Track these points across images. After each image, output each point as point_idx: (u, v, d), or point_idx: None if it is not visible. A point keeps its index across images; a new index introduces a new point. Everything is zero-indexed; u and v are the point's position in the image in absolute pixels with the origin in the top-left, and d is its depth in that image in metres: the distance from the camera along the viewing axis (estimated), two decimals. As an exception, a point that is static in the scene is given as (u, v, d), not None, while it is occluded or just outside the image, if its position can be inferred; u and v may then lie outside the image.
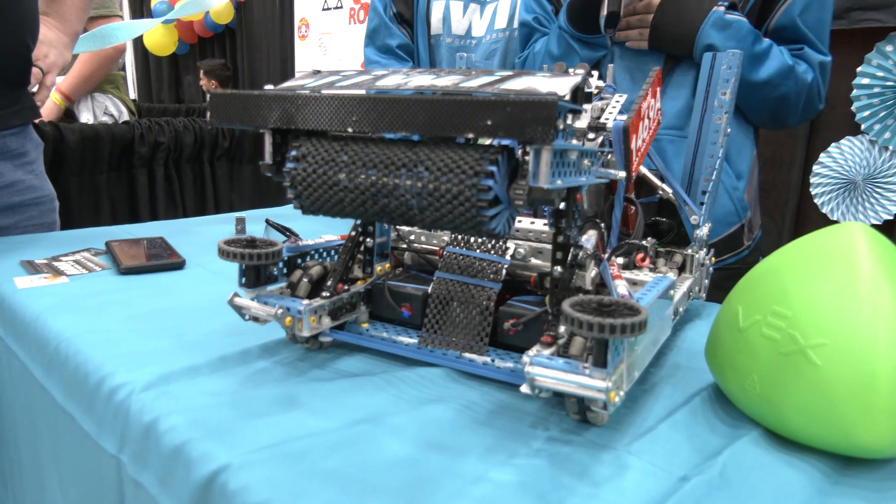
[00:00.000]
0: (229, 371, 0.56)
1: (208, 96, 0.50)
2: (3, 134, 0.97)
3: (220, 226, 1.14)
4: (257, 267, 0.55)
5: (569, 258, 0.50)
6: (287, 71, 4.34)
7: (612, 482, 0.41)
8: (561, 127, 0.41)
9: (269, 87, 0.48)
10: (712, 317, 0.73)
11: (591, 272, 0.52)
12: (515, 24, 1.26)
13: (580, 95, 0.43)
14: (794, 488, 0.40)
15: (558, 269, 0.51)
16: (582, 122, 0.65)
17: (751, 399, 0.46)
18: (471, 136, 0.40)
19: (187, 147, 1.61)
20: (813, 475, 0.42)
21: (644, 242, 0.66)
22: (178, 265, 0.87)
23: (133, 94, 5.95)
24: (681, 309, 0.64)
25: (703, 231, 0.68)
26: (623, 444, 0.45)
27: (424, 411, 0.49)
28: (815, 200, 2.23)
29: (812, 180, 2.23)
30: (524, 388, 0.43)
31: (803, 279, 0.45)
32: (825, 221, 2.22)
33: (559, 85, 0.40)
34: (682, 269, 0.70)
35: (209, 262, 0.90)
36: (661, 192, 0.70)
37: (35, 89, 1.06)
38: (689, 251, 0.69)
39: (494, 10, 1.30)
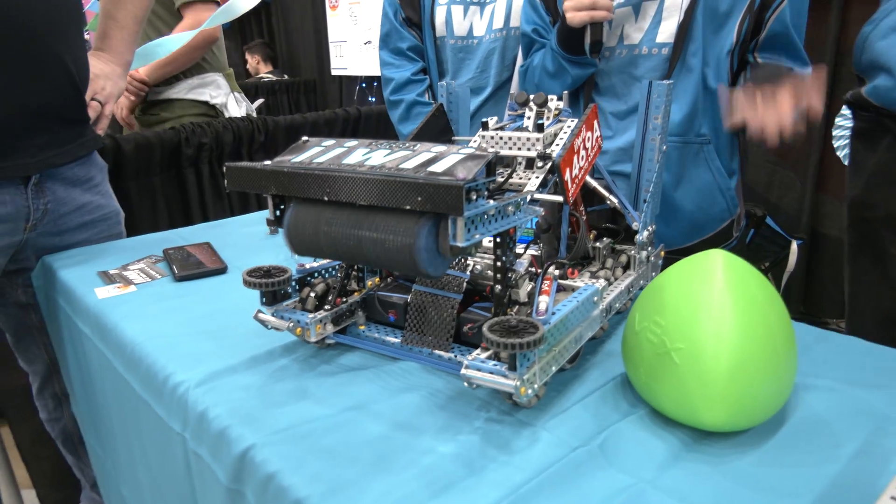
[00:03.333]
0: (258, 369, 0.73)
1: (224, 167, 0.66)
2: (70, 165, 1.16)
3: (255, 227, 1.31)
4: (273, 291, 0.72)
5: (505, 278, 0.65)
6: (321, 41, 4.46)
7: (524, 452, 0.56)
8: (474, 198, 0.55)
9: (267, 162, 0.64)
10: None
11: (526, 288, 0.66)
12: (512, 24, 1.37)
13: (493, 168, 0.57)
14: (655, 454, 0.55)
15: (498, 287, 0.65)
16: (534, 153, 0.78)
17: (640, 386, 0.61)
18: (408, 207, 0.54)
19: (227, 145, 1.79)
20: (673, 444, 0.56)
21: (592, 249, 0.79)
22: (222, 271, 1.05)
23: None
24: (618, 305, 0.77)
25: (644, 235, 0.81)
26: (542, 422, 0.60)
27: (400, 399, 0.66)
28: (838, 153, 2.24)
29: (834, 132, 2.24)
30: (464, 382, 0.59)
31: (674, 296, 0.58)
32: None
33: (471, 168, 0.54)
34: (627, 266, 0.83)
35: (246, 265, 1.07)
36: (608, 202, 0.82)
37: (96, 119, 1.24)
38: (632, 252, 0.82)
39: (493, 11, 1.40)
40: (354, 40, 4.12)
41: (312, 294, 0.74)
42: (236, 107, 1.93)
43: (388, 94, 1.50)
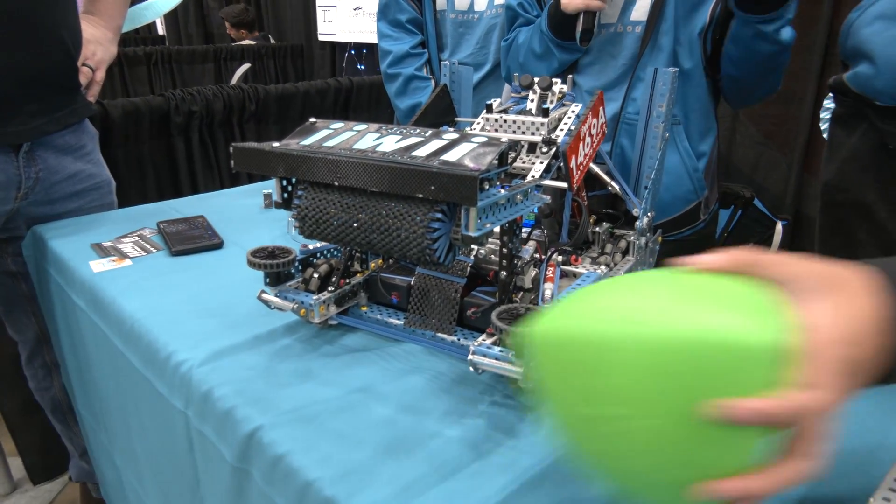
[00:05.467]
0: (261, 348, 0.74)
1: (231, 148, 0.65)
2: (62, 133, 1.14)
3: (250, 200, 1.30)
4: (277, 272, 0.72)
5: (511, 265, 0.66)
6: (308, 5, 4.36)
7: (529, 436, 0.58)
8: (487, 187, 0.55)
9: (275, 144, 0.63)
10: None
11: (531, 274, 0.67)
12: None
13: (505, 157, 0.57)
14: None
15: (503, 273, 0.66)
16: (538, 138, 0.78)
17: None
18: (420, 195, 0.54)
19: (218, 113, 1.75)
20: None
21: (592, 234, 0.80)
22: (218, 245, 1.04)
23: (161, 30, 6.02)
24: (617, 290, 0.78)
25: (644, 221, 0.82)
26: (545, 407, 0.62)
27: (404, 381, 0.67)
28: (824, 135, 2.26)
29: (822, 115, 2.26)
30: (471, 367, 0.60)
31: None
32: (833, 155, 2.27)
33: (485, 158, 0.54)
34: (626, 251, 0.84)
35: (243, 240, 1.08)
36: (609, 187, 0.83)
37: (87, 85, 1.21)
38: (632, 238, 0.83)
39: None
40: (343, 5, 4.03)
41: (316, 275, 0.74)
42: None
43: (386, 67, 1.48)
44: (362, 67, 4.03)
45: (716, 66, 1.12)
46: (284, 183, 0.65)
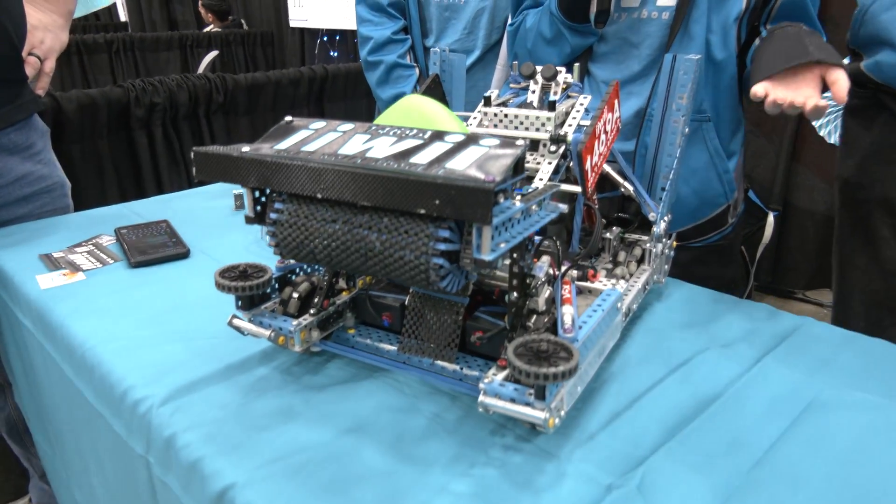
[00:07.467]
0: (234, 380, 0.64)
1: (192, 153, 0.55)
2: (6, 131, 1.02)
3: (219, 201, 1.19)
4: (250, 295, 0.62)
5: (524, 286, 0.57)
6: (280, -11, 4.19)
7: (550, 490, 0.49)
8: (501, 200, 0.46)
9: (245, 148, 0.53)
10: (672, 298, 0.80)
11: (544, 295, 0.58)
12: (502, -16, 1.25)
13: (522, 164, 0.48)
14: (701, 495, 0.49)
15: (514, 294, 0.57)
16: (545, 135, 0.69)
17: None
18: (422, 211, 0.45)
19: (182, 105, 1.63)
20: (718, 483, 0.50)
21: (602, 240, 0.72)
22: (184, 255, 0.94)
23: (123, 16, 5.78)
24: (634, 306, 0.70)
25: (661, 226, 0.74)
26: (566, 452, 0.53)
27: (401, 420, 0.58)
28: (820, 132, 2.22)
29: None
30: (480, 409, 0.51)
31: None
32: (823, 144, 2.23)
33: (498, 166, 0.45)
34: (641, 259, 0.76)
35: (211, 248, 0.97)
36: (622, 189, 0.74)
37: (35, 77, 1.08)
38: (648, 245, 0.74)
39: None
40: (315, -11, 3.88)
41: (295, 295, 0.65)
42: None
43: (366, 55, 1.37)
44: (335, 54, 3.89)
45: (745, 56, 1.03)
46: (257, 194, 0.55)
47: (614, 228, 0.78)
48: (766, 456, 0.53)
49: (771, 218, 2.05)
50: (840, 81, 0.77)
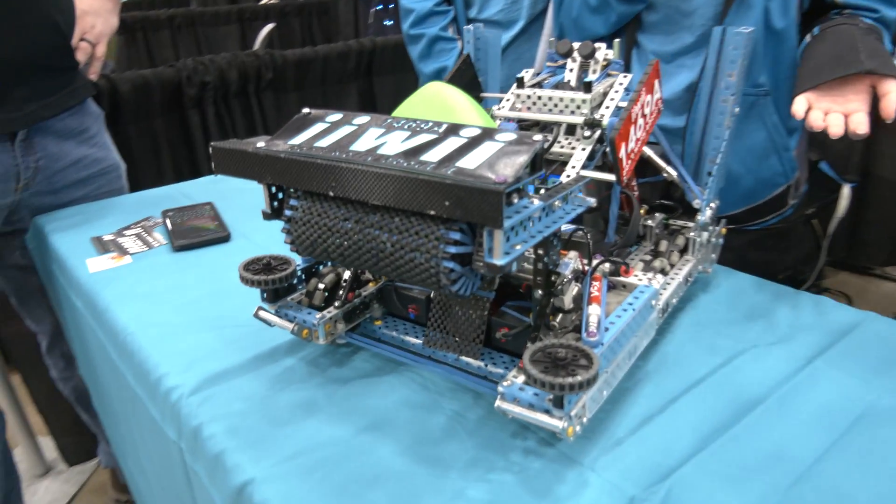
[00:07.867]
0: (261, 371, 0.65)
1: (211, 148, 0.54)
2: (61, 116, 1.05)
3: (263, 182, 1.20)
4: (276, 288, 0.62)
5: (549, 283, 0.54)
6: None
7: (568, 501, 0.47)
8: (515, 200, 0.44)
9: (261, 143, 0.52)
10: (719, 289, 0.76)
11: (571, 293, 0.55)
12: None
13: (539, 161, 0.45)
14: (730, 512, 0.46)
15: (539, 292, 0.55)
16: (579, 118, 0.65)
17: None
18: (432, 212, 0.43)
19: (233, 83, 1.64)
20: (751, 500, 0.47)
21: (643, 227, 0.68)
22: (224, 239, 0.95)
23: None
24: (674, 300, 0.66)
25: (707, 214, 0.69)
26: (589, 459, 0.51)
27: (422, 418, 0.57)
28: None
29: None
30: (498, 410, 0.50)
31: None
32: None
33: (512, 164, 0.42)
34: (684, 249, 0.71)
35: (252, 231, 0.98)
36: (665, 174, 0.70)
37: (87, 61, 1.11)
38: (692, 234, 0.70)
39: None
40: (369, -43, 3.82)
41: (321, 286, 0.64)
42: None
43: (408, 28, 1.34)
44: (390, 23, 3.84)
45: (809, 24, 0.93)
46: (273, 189, 0.55)
47: (657, 215, 0.73)
48: (809, 471, 0.49)
49: (846, 190, 1.90)
50: (890, 95, 0.68)
